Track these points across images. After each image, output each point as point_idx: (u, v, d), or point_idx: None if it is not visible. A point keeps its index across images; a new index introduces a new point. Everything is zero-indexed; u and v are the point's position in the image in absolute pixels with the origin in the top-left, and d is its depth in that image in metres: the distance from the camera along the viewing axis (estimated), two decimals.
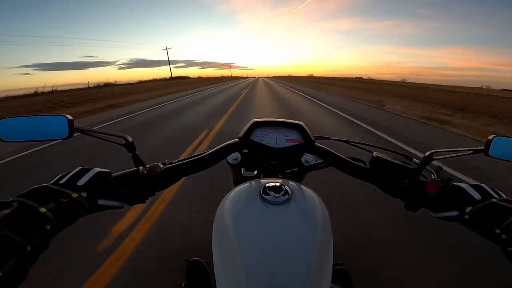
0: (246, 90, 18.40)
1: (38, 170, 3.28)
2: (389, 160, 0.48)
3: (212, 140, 4.31)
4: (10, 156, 3.79)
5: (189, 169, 0.48)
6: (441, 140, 4.77)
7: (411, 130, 5.50)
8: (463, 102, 11.57)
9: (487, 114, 8.13)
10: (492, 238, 0.37)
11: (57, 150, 4.05)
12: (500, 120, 7.29)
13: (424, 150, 0.65)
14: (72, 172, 0.41)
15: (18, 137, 0.43)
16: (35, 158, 3.74)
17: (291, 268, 0.30)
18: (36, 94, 17.14)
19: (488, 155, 0.45)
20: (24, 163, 3.57)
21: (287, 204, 0.36)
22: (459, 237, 1.64)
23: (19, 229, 0.29)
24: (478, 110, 8.84)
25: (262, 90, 19.02)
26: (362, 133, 4.98)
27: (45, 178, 0.38)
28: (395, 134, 4.88)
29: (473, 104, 11.01)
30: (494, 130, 5.81)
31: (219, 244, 0.36)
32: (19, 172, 3.26)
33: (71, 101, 12.30)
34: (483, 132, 5.37)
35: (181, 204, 2.21)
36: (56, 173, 0.41)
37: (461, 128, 5.85)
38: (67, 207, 0.35)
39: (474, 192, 0.42)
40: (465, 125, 6.21)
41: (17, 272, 0.27)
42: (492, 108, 9.54)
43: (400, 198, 0.47)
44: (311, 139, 0.51)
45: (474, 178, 2.75)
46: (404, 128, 5.62)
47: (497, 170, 2.96)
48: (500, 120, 7.28)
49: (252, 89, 19.35)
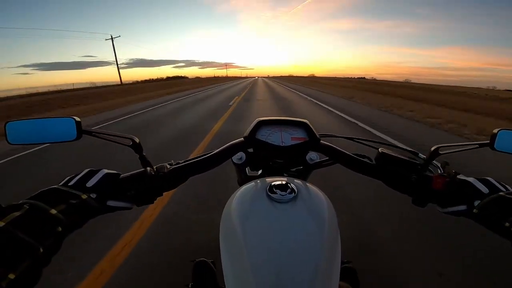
0: (240, 96, 13.49)
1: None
2: (395, 156, 0.48)
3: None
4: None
5: (195, 169, 0.48)
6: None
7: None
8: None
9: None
10: (502, 232, 0.36)
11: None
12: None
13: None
14: (80, 174, 0.41)
15: (26, 139, 0.43)
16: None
17: (299, 266, 0.30)
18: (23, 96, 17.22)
19: (494, 149, 0.45)
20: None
21: (294, 202, 0.36)
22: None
23: (31, 231, 0.29)
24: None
25: (262, 93, 15.55)
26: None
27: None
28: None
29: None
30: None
31: (227, 243, 0.36)
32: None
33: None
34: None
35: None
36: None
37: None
38: (77, 209, 0.36)
39: (481, 185, 0.41)
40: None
41: (30, 275, 0.27)
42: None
43: (408, 194, 0.47)
44: (316, 137, 0.51)
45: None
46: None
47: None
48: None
49: (250, 93, 15.32)
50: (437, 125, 5.89)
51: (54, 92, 19.87)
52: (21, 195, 0.33)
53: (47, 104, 13.40)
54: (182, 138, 4.68)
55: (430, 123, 6.17)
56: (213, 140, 4.36)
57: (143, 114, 8.25)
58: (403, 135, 4.71)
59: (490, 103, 13.55)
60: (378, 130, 5.13)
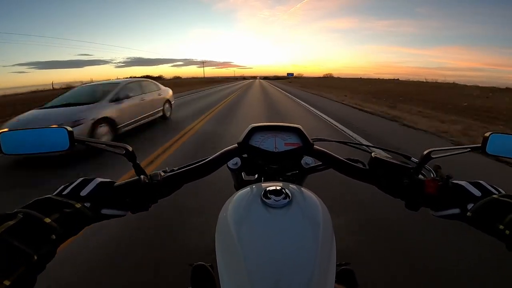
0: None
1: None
2: (387, 160, 0.48)
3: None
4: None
5: (190, 176, 0.48)
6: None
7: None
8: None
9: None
10: (496, 234, 0.36)
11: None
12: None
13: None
14: (74, 183, 0.41)
15: (20, 149, 0.43)
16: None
17: (294, 271, 0.30)
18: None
19: (485, 152, 0.46)
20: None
21: (288, 207, 0.37)
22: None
23: (25, 239, 0.30)
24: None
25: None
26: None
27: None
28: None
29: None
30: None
31: (222, 249, 0.36)
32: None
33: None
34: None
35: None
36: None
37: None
38: (71, 217, 0.36)
39: (473, 189, 0.41)
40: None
41: (25, 281, 0.28)
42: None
43: (400, 198, 0.47)
44: (310, 142, 0.51)
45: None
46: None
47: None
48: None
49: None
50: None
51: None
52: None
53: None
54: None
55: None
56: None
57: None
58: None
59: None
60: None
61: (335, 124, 5.80)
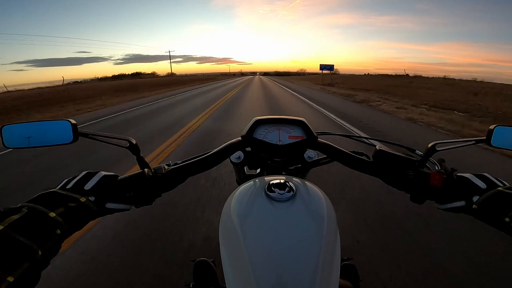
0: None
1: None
2: (392, 153, 0.48)
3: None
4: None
5: (193, 169, 0.48)
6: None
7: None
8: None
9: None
10: (502, 227, 0.36)
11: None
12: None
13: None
14: (78, 177, 0.41)
15: (22, 143, 0.43)
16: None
17: (299, 264, 0.30)
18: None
19: (490, 145, 0.45)
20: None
21: (293, 201, 0.36)
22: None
23: (30, 234, 0.29)
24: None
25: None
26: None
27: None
28: None
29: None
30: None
31: (226, 243, 0.36)
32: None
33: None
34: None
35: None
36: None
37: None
38: (76, 212, 0.36)
39: (479, 181, 0.41)
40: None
41: (29, 277, 0.27)
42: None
43: (405, 191, 0.47)
44: (314, 135, 0.51)
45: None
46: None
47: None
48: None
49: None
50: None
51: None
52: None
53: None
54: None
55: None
56: None
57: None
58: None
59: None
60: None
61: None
